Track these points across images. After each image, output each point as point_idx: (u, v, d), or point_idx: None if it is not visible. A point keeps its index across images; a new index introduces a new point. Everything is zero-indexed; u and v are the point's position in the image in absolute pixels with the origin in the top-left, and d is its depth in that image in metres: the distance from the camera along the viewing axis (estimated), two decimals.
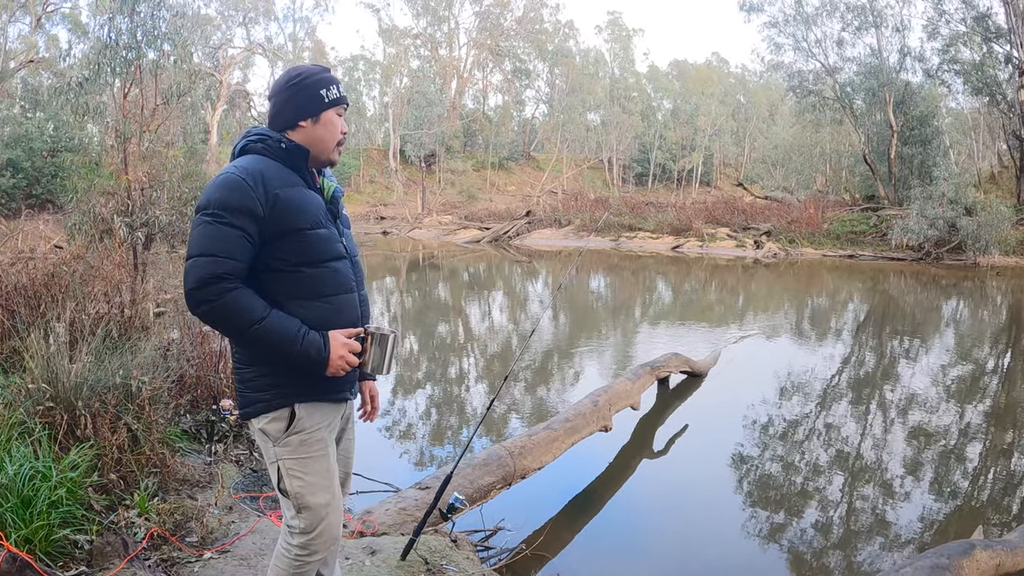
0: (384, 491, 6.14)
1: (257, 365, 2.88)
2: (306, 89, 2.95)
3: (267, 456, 2.98)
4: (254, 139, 2.93)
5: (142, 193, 9.41)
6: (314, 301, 2.88)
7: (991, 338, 15.58)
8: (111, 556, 4.08)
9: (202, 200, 2.74)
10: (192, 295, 2.68)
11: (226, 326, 2.77)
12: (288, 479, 2.91)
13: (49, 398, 4.83)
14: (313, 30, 68.73)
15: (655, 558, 5.85)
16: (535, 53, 63.02)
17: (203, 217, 2.73)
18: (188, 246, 2.75)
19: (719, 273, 26.70)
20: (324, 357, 2.81)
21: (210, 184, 2.81)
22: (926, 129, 36.21)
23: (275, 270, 2.83)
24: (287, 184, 2.85)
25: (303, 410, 2.90)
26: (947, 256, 28.54)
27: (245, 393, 2.92)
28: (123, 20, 11.66)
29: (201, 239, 2.70)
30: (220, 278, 2.66)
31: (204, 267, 2.66)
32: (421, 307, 18.86)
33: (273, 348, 2.76)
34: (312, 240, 2.87)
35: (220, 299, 2.66)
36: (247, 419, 2.98)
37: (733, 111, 68.05)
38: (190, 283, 2.67)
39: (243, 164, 2.81)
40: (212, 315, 2.71)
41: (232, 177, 2.76)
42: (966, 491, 7.25)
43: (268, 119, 3.01)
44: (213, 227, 2.70)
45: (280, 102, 2.97)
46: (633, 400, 8.41)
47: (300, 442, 2.90)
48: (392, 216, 43.54)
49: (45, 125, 29.02)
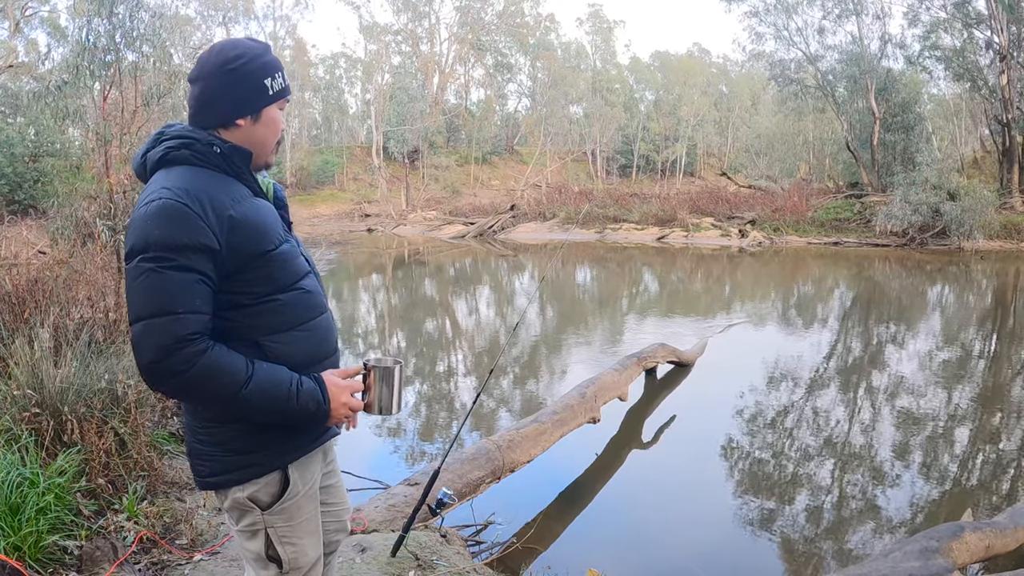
0: (374, 488, 6.15)
1: (239, 422, 2.30)
2: (248, 77, 2.32)
3: (245, 522, 2.42)
4: (174, 144, 2.27)
5: (124, 196, 9.37)
6: (292, 332, 2.36)
7: (977, 322, 15.67)
8: (101, 561, 4.07)
9: (136, 241, 2.12)
10: (153, 369, 2.10)
11: (203, 397, 2.21)
12: (281, 547, 2.43)
13: (35, 404, 4.81)
14: (294, 28, 68.68)
15: (646, 548, 5.86)
16: (516, 47, 62.89)
17: (142, 264, 2.10)
18: (130, 305, 2.13)
19: (704, 263, 26.76)
20: (325, 410, 2.33)
21: (139, 217, 2.14)
22: (908, 115, 36.36)
23: (241, 306, 2.27)
24: (236, 200, 2.25)
25: (297, 471, 2.43)
26: (931, 241, 28.69)
27: (219, 457, 2.34)
28: (101, 22, 11.60)
29: (149, 294, 2.09)
30: (186, 341, 2.09)
31: (162, 330, 2.07)
32: (408, 304, 18.83)
33: (264, 412, 2.24)
34: (279, 261, 2.34)
35: (192, 367, 2.09)
36: (223, 488, 2.38)
37: (716, 101, 68.09)
38: (148, 355, 2.09)
39: (175, 183, 2.17)
40: (184, 388, 2.15)
41: (170, 204, 2.11)
42: (955, 474, 7.30)
43: (191, 112, 2.36)
44: (160, 276, 2.08)
45: (212, 91, 2.31)
46: (621, 391, 8.42)
47: (296, 506, 2.43)
48: (377, 213, 43.39)
49: (26, 130, 28.80)
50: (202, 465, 2.37)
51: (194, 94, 2.34)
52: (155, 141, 2.32)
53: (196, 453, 2.38)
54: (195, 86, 2.34)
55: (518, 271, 25.51)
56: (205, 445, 2.35)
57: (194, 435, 2.38)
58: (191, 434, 2.40)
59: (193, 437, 2.39)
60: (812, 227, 32.37)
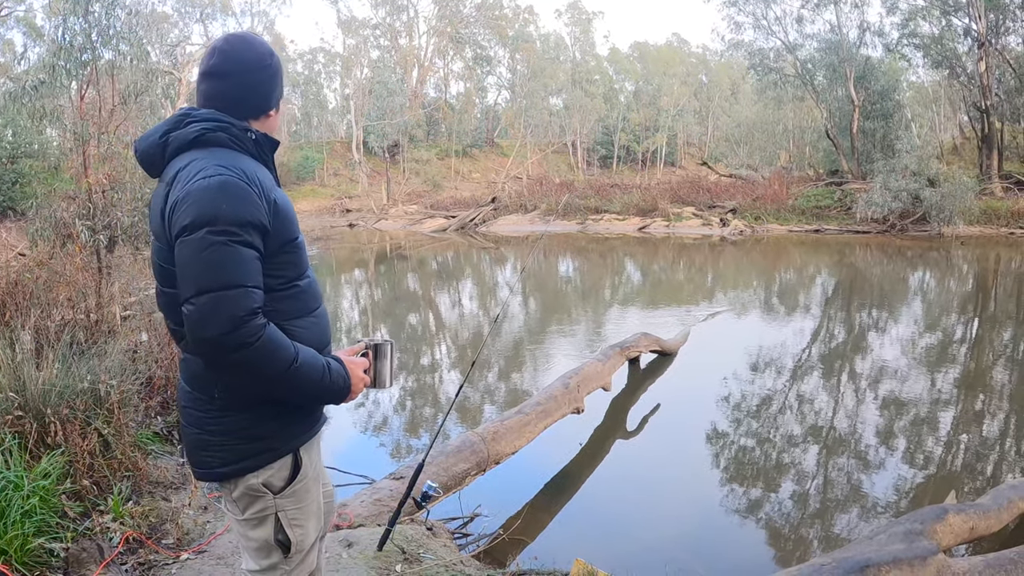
0: (359, 483, 6.14)
1: (254, 408, 2.34)
2: (279, 72, 2.50)
3: (254, 509, 2.44)
4: (211, 127, 2.31)
5: (103, 196, 9.29)
6: (307, 318, 2.42)
7: (959, 307, 15.78)
8: (87, 562, 4.07)
9: (201, 213, 2.12)
10: (222, 341, 2.10)
11: (261, 372, 2.19)
12: (290, 530, 2.46)
13: (17, 407, 4.78)
14: (272, 24, 67.94)
15: (633, 537, 5.89)
16: (496, 39, 62.74)
17: (212, 236, 2.11)
18: (196, 276, 2.12)
19: (686, 252, 26.84)
20: (348, 385, 2.41)
21: (200, 189, 2.16)
22: (887, 103, 36.54)
23: (271, 289, 2.28)
24: (273, 186, 2.35)
25: (305, 454, 2.48)
26: (912, 228, 28.85)
27: (232, 446, 2.35)
28: (77, 21, 11.50)
29: (219, 266, 2.11)
30: (253, 313, 2.13)
31: (235, 303, 2.10)
32: (391, 298, 18.81)
33: (305, 388, 2.30)
34: (300, 250, 2.42)
35: (257, 339, 2.13)
36: (236, 477, 2.39)
37: (695, 91, 68.23)
38: (220, 326, 2.09)
39: (228, 162, 2.23)
40: (248, 361, 2.14)
41: (233, 181, 2.17)
42: (939, 458, 7.36)
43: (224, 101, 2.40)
44: (231, 249, 2.12)
45: (252, 83, 2.42)
46: (604, 381, 8.46)
47: (304, 488, 2.48)
48: (358, 208, 43.22)
49: (3, 131, 28.59)
50: (211, 456, 2.38)
51: (226, 85, 2.40)
52: (179, 122, 2.35)
53: (203, 445, 2.38)
54: (228, 78, 2.40)
55: (500, 263, 25.52)
56: (216, 435, 2.36)
57: (202, 427, 2.38)
58: (197, 427, 2.39)
59: (200, 430, 2.38)
60: (793, 215, 32.50)
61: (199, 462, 2.42)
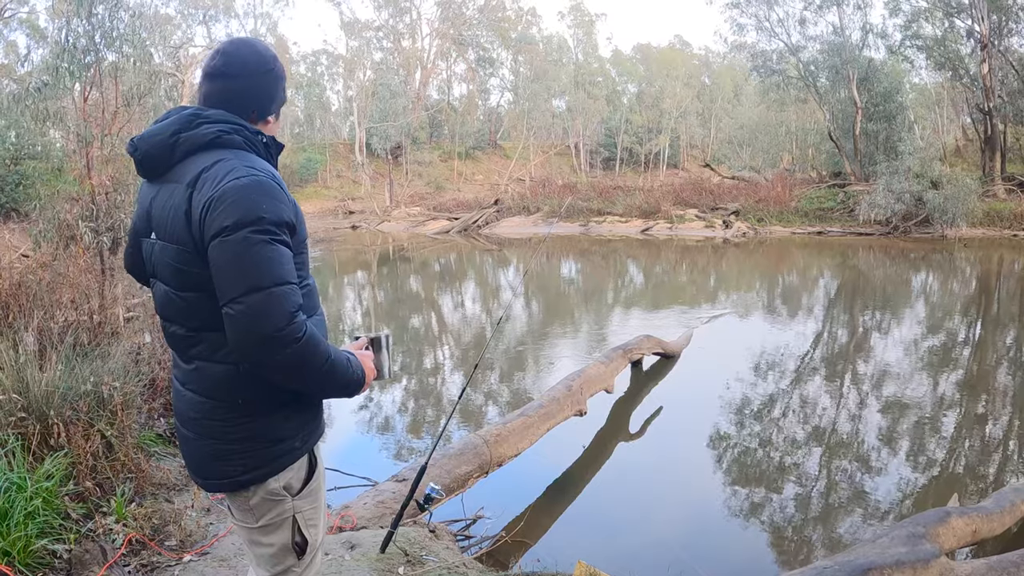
0: (362, 485, 6.13)
1: (278, 411, 2.34)
2: (282, 77, 2.49)
3: (272, 514, 2.42)
4: (227, 129, 2.30)
5: (106, 197, 9.32)
6: (315, 317, 2.39)
7: (962, 309, 15.76)
8: (90, 564, 4.07)
9: (245, 213, 2.12)
10: (277, 338, 2.10)
11: (308, 365, 2.19)
12: (307, 530, 2.46)
13: (21, 408, 4.78)
14: (275, 26, 68.03)
15: (635, 540, 5.89)
16: (498, 41, 62.75)
17: (258, 236, 2.12)
18: (244, 274, 2.11)
19: (689, 254, 26.81)
20: (363, 377, 2.40)
21: (240, 188, 2.16)
22: (890, 105, 36.43)
23: None
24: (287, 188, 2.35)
25: (317, 453, 2.50)
26: (915, 230, 28.80)
27: (254, 451, 2.34)
28: (80, 23, 11.52)
29: (269, 264, 2.12)
30: (300, 309, 2.17)
31: (287, 299, 2.12)
32: (393, 300, 18.82)
33: (337, 380, 2.29)
34: (307, 251, 2.43)
35: (304, 334, 2.14)
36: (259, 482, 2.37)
37: (698, 93, 68.13)
38: (276, 321, 2.10)
39: (256, 164, 2.25)
40: (299, 355, 2.15)
41: (267, 182, 2.19)
42: (942, 460, 7.35)
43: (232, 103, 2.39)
44: (275, 248, 2.14)
45: (253, 86, 2.40)
46: (607, 383, 8.45)
47: (318, 487, 2.50)
48: (361, 210, 43.27)
49: (6, 133, 28.55)
50: (233, 466, 2.34)
51: (228, 86, 2.39)
52: (190, 123, 2.31)
53: (225, 455, 2.34)
54: (230, 80, 2.38)
55: (503, 265, 25.51)
56: (236, 443, 2.33)
57: (221, 437, 2.34)
58: (215, 437, 2.35)
59: (220, 439, 2.34)
60: (796, 217, 32.47)
61: (216, 473, 2.38)
